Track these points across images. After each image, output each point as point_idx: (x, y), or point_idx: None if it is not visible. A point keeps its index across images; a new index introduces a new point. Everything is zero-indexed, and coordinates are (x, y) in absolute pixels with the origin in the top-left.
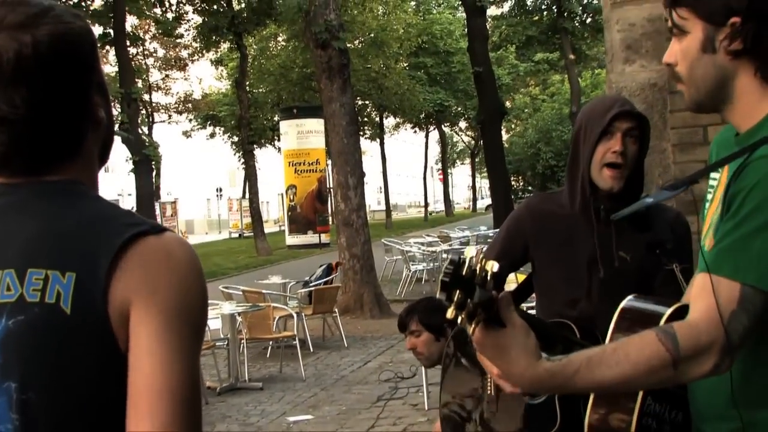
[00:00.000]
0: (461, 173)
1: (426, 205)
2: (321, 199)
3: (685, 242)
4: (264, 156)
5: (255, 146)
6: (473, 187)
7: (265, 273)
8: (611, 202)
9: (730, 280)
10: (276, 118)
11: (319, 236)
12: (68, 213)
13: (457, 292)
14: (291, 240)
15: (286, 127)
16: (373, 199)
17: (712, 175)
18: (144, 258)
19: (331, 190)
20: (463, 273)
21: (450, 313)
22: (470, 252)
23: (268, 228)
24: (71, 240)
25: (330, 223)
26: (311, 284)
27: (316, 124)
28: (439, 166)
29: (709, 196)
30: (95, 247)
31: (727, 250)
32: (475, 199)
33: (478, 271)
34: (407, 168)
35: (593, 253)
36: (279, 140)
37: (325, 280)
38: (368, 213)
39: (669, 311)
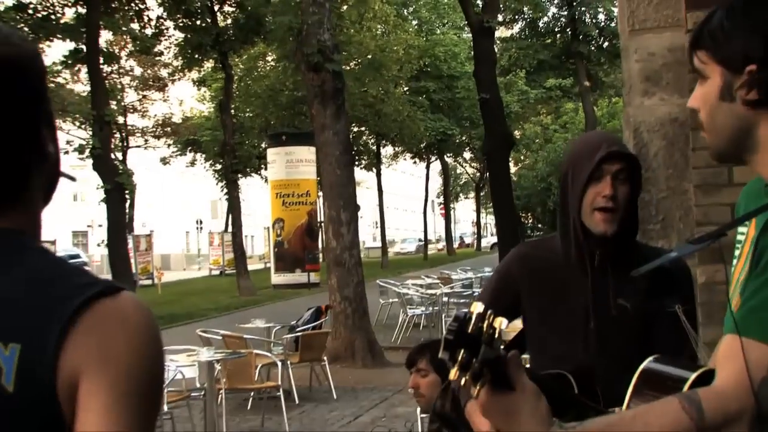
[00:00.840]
0: (465, 208)
1: (426, 242)
2: (311, 235)
3: (685, 284)
4: (249, 186)
5: (239, 175)
6: (477, 224)
7: (248, 315)
8: (605, 246)
9: (761, 343)
10: (263, 145)
11: (308, 275)
12: (10, 271)
13: (462, 351)
14: (277, 279)
15: (274, 155)
16: (368, 235)
17: (740, 229)
18: (98, 324)
19: (322, 225)
20: (469, 330)
21: (453, 374)
22: (477, 308)
23: (253, 265)
24: (14, 304)
25: (320, 261)
26: (298, 329)
27: (307, 153)
28: (441, 199)
29: (737, 252)
30: (43, 313)
31: (756, 309)
32: (479, 237)
33: (485, 328)
34: (406, 201)
35: (588, 303)
36: (266, 169)
37: (313, 324)
38: (362, 251)
39: (693, 376)
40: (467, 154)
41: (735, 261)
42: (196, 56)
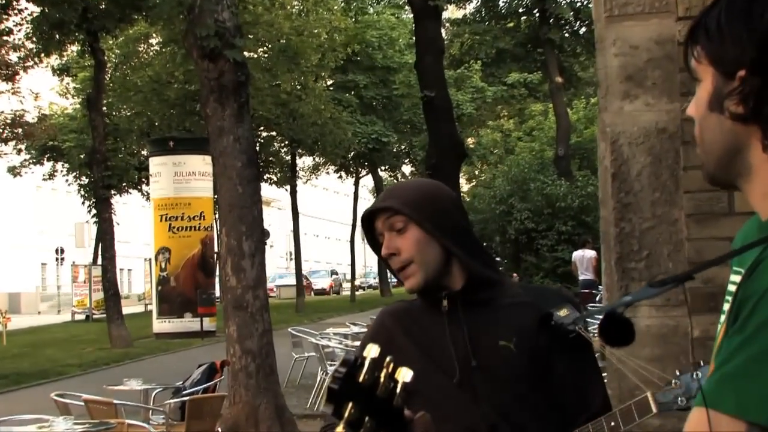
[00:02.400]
0: None
1: (353, 279)
2: (205, 270)
3: (573, 303)
4: (126, 206)
5: (113, 191)
6: None
7: (121, 374)
8: (447, 292)
9: (732, 418)
10: (144, 153)
11: (201, 321)
12: None
13: (350, 405)
14: (160, 326)
15: (159, 165)
16: (279, 269)
17: (732, 277)
18: None
19: (219, 256)
20: (360, 379)
21: None
22: (371, 351)
23: (129, 307)
24: None
25: (216, 303)
26: (185, 392)
27: (201, 163)
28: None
29: (726, 306)
30: None
31: (730, 377)
32: None
33: (383, 379)
34: (329, 227)
35: (452, 356)
36: (147, 184)
37: (205, 386)
38: (271, 290)
39: None
40: (407, 168)
41: (722, 317)
42: (57, 37)
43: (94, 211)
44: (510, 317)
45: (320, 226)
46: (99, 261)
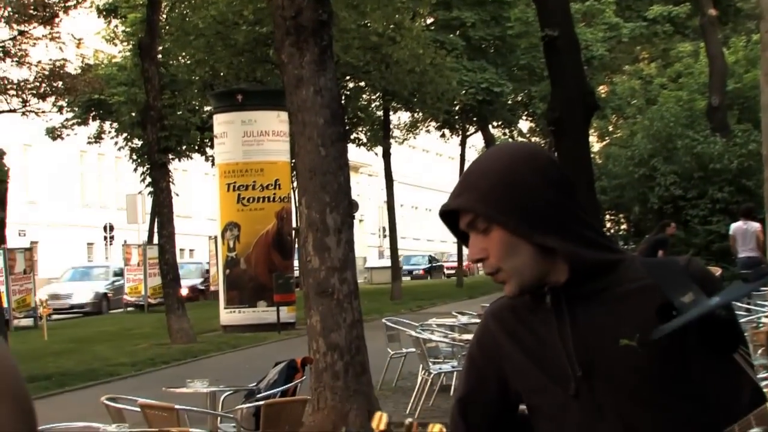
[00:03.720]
0: None
1: (460, 259)
2: (282, 249)
3: (711, 283)
4: (186, 173)
5: (171, 156)
6: None
7: (183, 374)
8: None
9: None
10: (207, 109)
11: (278, 311)
12: None
13: None
14: (229, 317)
15: (225, 124)
16: (371, 250)
17: None
18: None
19: (299, 233)
20: None
21: None
22: (377, 420)
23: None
24: None
25: (296, 289)
26: (260, 395)
27: (276, 121)
28: None
29: None
30: None
31: None
32: None
33: None
34: (430, 197)
35: (564, 363)
36: (211, 147)
37: (283, 388)
38: (362, 273)
39: None
40: (524, 124)
41: None
42: None
43: (148, 180)
44: (630, 307)
45: (419, 195)
46: (155, 240)
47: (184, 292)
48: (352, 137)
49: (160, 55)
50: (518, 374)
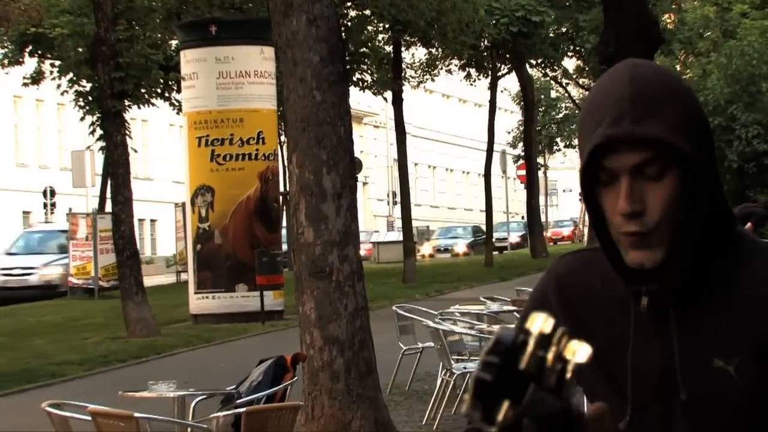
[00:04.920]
0: (568, 168)
1: (489, 232)
2: (267, 220)
3: None
4: (147, 125)
5: (127, 102)
6: None
7: (144, 375)
8: (656, 284)
9: None
10: (172, 44)
11: (262, 297)
12: None
13: (507, 404)
14: (200, 304)
15: (195, 63)
16: (379, 220)
17: None
18: None
19: (288, 200)
20: (523, 365)
21: None
22: (538, 323)
23: (154, 278)
24: None
25: (284, 269)
26: (240, 400)
27: (258, 59)
28: (519, 149)
29: None
30: None
31: None
32: None
33: (550, 361)
34: (452, 155)
35: (661, 367)
36: (178, 90)
37: (270, 391)
38: (367, 249)
39: None
40: (569, 62)
41: None
42: None
43: (99, 133)
44: (741, 320)
45: (438, 152)
46: (108, 208)
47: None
48: (354, 79)
49: None
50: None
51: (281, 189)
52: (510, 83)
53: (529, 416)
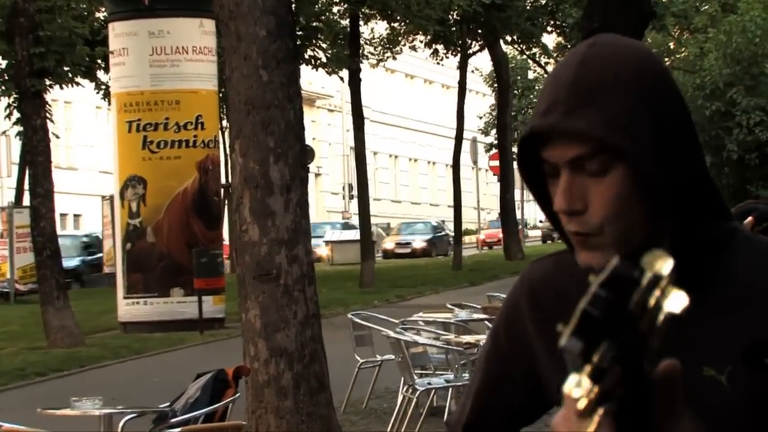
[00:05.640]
0: None
1: (457, 231)
2: (206, 215)
3: None
4: (70, 107)
5: (48, 82)
6: None
7: (66, 390)
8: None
9: None
10: (101, 16)
11: (200, 303)
12: None
13: (606, 346)
14: (130, 310)
15: (125, 37)
16: (333, 215)
17: None
18: None
19: (231, 192)
20: (632, 305)
21: (574, 386)
22: (664, 265)
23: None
24: None
25: (227, 272)
26: (175, 419)
27: (197, 33)
28: (492, 137)
29: None
30: None
31: None
32: None
33: (651, 305)
34: (415, 144)
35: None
36: (106, 69)
37: (208, 410)
38: (319, 249)
39: None
40: (549, 38)
41: None
42: None
43: (16, 116)
44: (733, 324)
45: (401, 140)
46: (25, 201)
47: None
48: (306, 56)
49: None
50: (550, 384)
51: (223, 181)
52: (482, 62)
53: (623, 363)
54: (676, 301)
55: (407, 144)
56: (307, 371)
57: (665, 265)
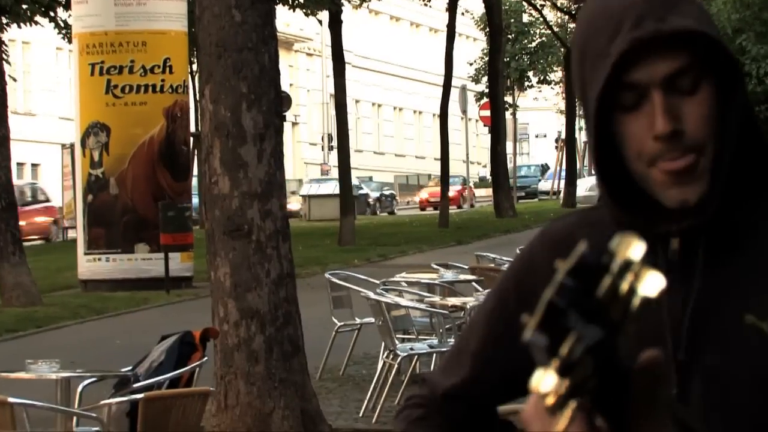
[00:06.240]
0: (542, 107)
1: (444, 185)
2: (174, 166)
3: None
4: (28, 48)
5: (4, 21)
6: (568, 145)
7: (21, 352)
8: (691, 219)
9: None
10: None
11: (166, 259)
12: None
13: (574, 337)
14: (91, 267)
15: None
16: (312, 171)
17: None
18: None
19: (200, 141)
20: (601, 293)
21: (542, 381)
22: (634, 249)
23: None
24: None
25: (195, 227)
26: (137, 384)
27: None
28: (483, 85)
29: None
30: None
31: None
32: (573, 175)
33: (624, 291)
34: (401, 92)
35: (677, 326)
36: (66, 7)
37: (173, 374)
38: (294, 203)
39: None
40: None
41: None
42: None
43: None
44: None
45: (385, 88)
46: None
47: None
48: None
49: None
50: None
51: (192, 129)
52: (473, 4)
53: (594, 355)
54: (652, 285)
55: (392, 91)
56: (280, 334)
57: (636, 249)
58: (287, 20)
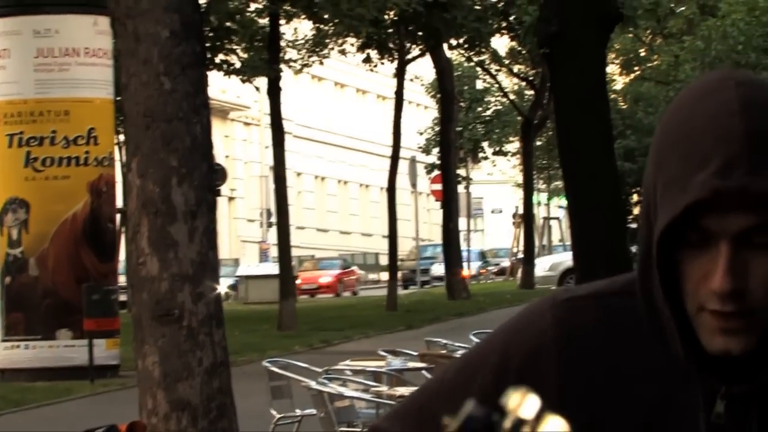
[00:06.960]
0: (498, 182)
1: (393, 265)
2: (99, 245)
3: None
4: None
5: None
6: (526, 222)
7: None
8: (744, 386)
9: None
10: None
11: (90, 347)
12: None
13: None
14: (9, 354)
15: (6, 37)
16: (249, 250)
17: None
18: None
19: (127, 219)
20: None
21: None
22: (527, 406)
23: None
24: None
25: (122, 311)
26: None
27: (90, 32)
28: (434, 156)
29: None
30: None
31: None
32: (530, 253)
33: None
34: (345, 164)
35: None
36: None
37: None
38: (230, 284)
39: None
40: (500, 42)
41: None
42: None
43: None
44: None
45: (328, 159)
46: None
47: None
48: (217, 61)
49: None
50: None
51: (119, 205)
52: (423, 69)
53: None
54: (552, 427)
55: (336, 164)
56: (214, 428)
57: (529, 406)
58: (223, 87)
